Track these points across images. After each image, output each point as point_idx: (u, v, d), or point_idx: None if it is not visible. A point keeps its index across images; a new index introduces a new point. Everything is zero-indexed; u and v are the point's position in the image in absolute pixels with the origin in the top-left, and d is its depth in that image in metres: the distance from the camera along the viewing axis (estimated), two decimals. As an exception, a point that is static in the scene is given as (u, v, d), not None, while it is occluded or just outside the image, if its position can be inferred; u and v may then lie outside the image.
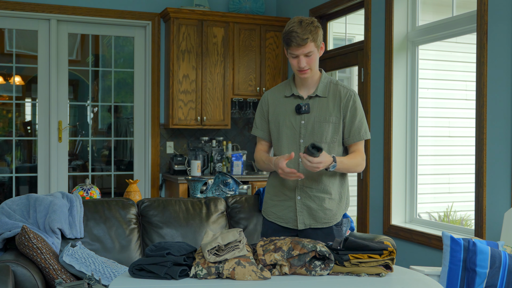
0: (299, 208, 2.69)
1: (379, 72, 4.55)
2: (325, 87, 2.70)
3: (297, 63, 2.60)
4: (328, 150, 2.66)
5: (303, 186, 2.68)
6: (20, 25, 5.68)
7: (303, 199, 2.69)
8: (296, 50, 2.57)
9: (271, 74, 6.11)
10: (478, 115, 3.56)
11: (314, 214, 2.68)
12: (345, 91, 2.69)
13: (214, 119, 5.88)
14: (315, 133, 2.65)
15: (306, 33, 2.54)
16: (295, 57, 2.60)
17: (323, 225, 2.69)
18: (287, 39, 2.57)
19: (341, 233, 2.76)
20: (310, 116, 2.67)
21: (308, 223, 2.69)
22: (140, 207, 3.42)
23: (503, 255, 2.79)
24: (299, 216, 2.69)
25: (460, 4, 4.14)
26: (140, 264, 2.19)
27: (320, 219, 2.68)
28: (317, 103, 2.68)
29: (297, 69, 2.63)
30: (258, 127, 2.83)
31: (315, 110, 2.67)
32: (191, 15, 5.76)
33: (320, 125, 2.65)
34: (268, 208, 2.81)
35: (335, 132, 2.66)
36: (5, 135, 6.09)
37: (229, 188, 3.92)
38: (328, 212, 2.68)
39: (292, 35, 2.54)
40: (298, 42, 2.54)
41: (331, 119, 2.66)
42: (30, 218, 3.07)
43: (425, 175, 4.58)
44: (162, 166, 6.03)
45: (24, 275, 2.63)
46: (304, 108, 2.66)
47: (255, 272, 2.16)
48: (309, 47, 2.56)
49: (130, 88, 6.17)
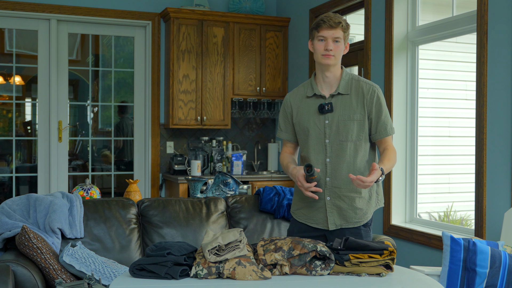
0: (329, 208, 2.67)
1: (379, 72, 4.55)
2: (347, 84, 2.67)
3: (324, 46, 2.59)
4: (354, 148, 2.63)
5: (332, 186, 2.65)
6: (20, 25, 5.68)
7: (333, 200, 2.66)
8: (326, 32, 2.58)
9: (271, 74, 6.11)
10: (478, 115, 3.56)
11: (344, 214, 2.66)
12: (367, 87, 2.66)
13: (214, 119, 5.88)
14: (340, 132, 2.62)
15: (338, 18, 2.60)
16: (322, 40, 2.61)
17: (354, 224, 2.66)
18: (318, 21, 2.60)
19: (369, 234, 2.73)
20: (334, 115, 2.63)
21: (339, 224, 2.67)
22: (140, 207, 3.42)
23: (503, 255, 2.79)
24: (330, 216, 2.67)
25: (460, 4, 4.13)
26: (140, 264, 2.19)
27: (350, 219, 2.66)
28: (340, 101, 2.65)
29: (322, 53, 2.61)
30: (282, 130, 2.81)
31: (338, 109, 2.64)
32: (191, 15, 5.76)
33: (344, 123, 2.62)
34: (298, 209, 2.80)
35: (360, 130, 2.63)
36: (5, 135, 6.09)
37: (229, 188, 3.92)
38: (358, 212, 2.66)
39: (325, 18, 2.59)
40: (330, 24, 2.57)
41: (356, 116, 2.63)
42: (30, 218, 3.07)
43: (425, 175, 4.57)
44: (162, 166, 6.03)
45: (24, 275, 2.63)
46: (327, 107, 2.62)
47: (255, 272, 2.16)
48: (338, 32, 2.58)
49: (130, 88, 6.17)
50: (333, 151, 2.64)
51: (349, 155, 2.63)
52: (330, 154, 2.64)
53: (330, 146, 2.63)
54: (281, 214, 3.55)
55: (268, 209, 3.55)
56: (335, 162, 2.64)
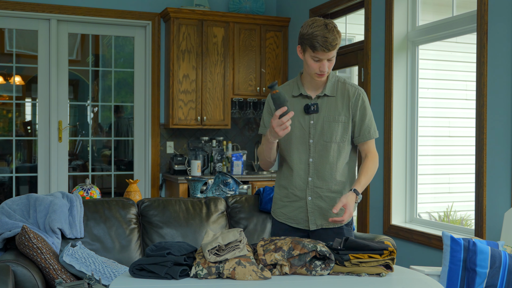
0: (311, 208, 2.68)
1: (379, 72, 4.55)
2: (333, 86, 2.67)
3: (318, 67, 2.54)
4: (338, 149, 2.64)
5: (314, 186, 2.66)
6: (20, 25, 5.68)
7: (314, 200, 2.67)
8: (322, 55, 2.50)
9: (271, 74, 6.11)
10: (478, 115, 3.56)
11: (325, 214, 2.67)
12: (353, 90, 2.67)
13: (214, 119, 5.88)
14: (324, 133, 2.63)
15: (334, 39, 2.48)
16: (317, 61, 2.54)
17: (335, 224, 2.67)
18: (314, 42, 2.47)
19: (351, 233, 2.75)
20: (319, 116, 2.64)
21: (320, 223, 2.68)
22: (140, 207, 3.42)
23: (503, 255, 2.79)
24: (311, 216, 2.68)
25: (460, 4, 4.13)
26: (140, 264, 2.19)
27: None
28: (325, 103, 2.65)
29: (317, 72, 2.57)
30: (266, 126, 2.77)
31: (324, 110, 2.65)
32: (191, 15, 5.76)
33: (329, 124, 2.63)
34: (277, 209, 2.80)
35: (344, 132, 2.65)
36: (5, 135, 6.09)
37: (229, 188, 3.92)
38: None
39: (321, 39, 2.46)
40: (327, 47, 2.47)
41: (340, 118, 2.64)
42: (30, 218, 3.07)
43: (425, 175, 4.57)
44: (162, 166, 6.03)
45: (24, 275, 2.63)
46: (313, 108, 2.63)
47: (255, 272, 2.16)
48: (333, 52, 2.51)
49: (130, 88, 6.17)
50: (317, 151, 2.65)
51: (332, 156, 2.64)
52: (314, 154, 2.65)
53: (314, 146, 2.64)
54: (281, 214, 3.55)
55: (268, 209, 3.55)
56: (318, 162, 2.65)
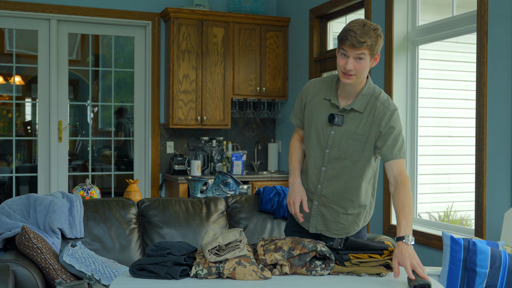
0: (314, 212, 2.65)
1: (379, 72, 4.55)
2: (365, 100, 2.52)
3: (344, 64, 2.40)
4: (351, 166, 2.55)
5: (321, 194, 2.62)
6: (20, 25, 5.68)
7: (319, 206, 2.64)
8: (349, 50, 2.37)
9: (271, 74, 6.11)
10: (478, 115, 3.56)
11: (327, 223, 2.64)
12: (380, 109, 2.50)
13: (214, 119, 5.88)
14: (341, 147, 2.54)
15: (364, 37, 2.35)
16: (344, 57, 2.40)
17: (333, 235, 2.64)
18: (343, 35, 2.38)
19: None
20: (340, 129, 2.54)
21: (320, 229, 2.66)
22: (140, 207, 3.42)
23: (503, 255, 2.79)
24: (313, 220, 2.66)
25: (460, 4, 4.13)
26: (140, 264, 2.19)
27: (331, 229, 2.64)
28: (351, 118, 2.54)
29: (342, 71, 2.42)
30: (296, 116, 2.72)
31: (347, 124, 2.54)
32: (191, 15, 5.76)
33: (347, 141, 2.53)
34: None
35: (361, 151, 2.53)
36: (5, 135, 6.08)
37: (229, 188, 3.92)
38: (340, 226, 2.63)
39: (350, 34, 2.35)
40: (353, 43, 2.34)
41: (361, 137, 2.52)
42: (30, 218, 3.07)
43: (425, 175, 4.57)
44: (162, 166, 6.03)
45: (24, 275, 2.63)
46: (337, 120, 2.53)
47: (255, 272, 2.16)
48: (362, 50, 2.36)
49: (130, 88, 6.17)
50: (330, 162, 2.57)
51: (344, 172, 2.56)
52: (327, 164, 2.58)
53: (328, 156, 2.57)
54: (281, 214, 3.56)
55: (268, 209, 3.55)
56: (330, 173, 2.58)
